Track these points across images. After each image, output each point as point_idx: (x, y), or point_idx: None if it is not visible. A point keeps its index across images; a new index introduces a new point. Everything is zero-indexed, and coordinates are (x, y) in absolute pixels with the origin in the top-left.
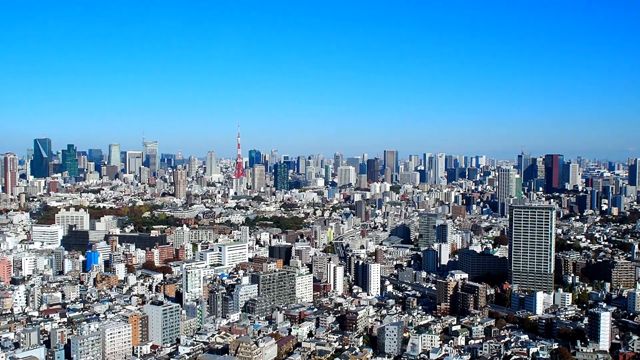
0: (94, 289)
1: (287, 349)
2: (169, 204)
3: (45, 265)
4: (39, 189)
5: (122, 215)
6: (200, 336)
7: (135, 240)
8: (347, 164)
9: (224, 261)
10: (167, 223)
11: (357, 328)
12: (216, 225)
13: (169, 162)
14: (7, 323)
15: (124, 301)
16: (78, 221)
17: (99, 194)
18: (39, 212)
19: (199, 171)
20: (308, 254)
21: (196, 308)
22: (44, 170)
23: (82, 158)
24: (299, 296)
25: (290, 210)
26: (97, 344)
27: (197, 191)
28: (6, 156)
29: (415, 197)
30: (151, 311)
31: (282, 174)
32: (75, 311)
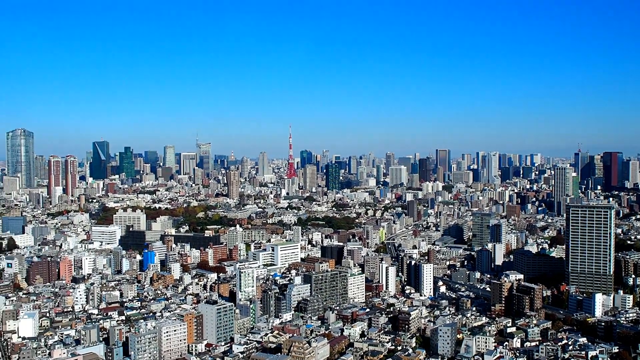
0: (151, 288)
1: (340, 349)
2: (223, 204)
3: (104, 265)
4: (97, 191)
5: (177, 216)
6: (253, 335)
7: (190, 240)
8: (399, 163)
9: (276, 261)
10: (221, 223)
11: (410, 329)
12: (269, 226)
13: (222, 163)
14: (69, 320)
15: (179, 300)
16: (135, 221)
17: (155, 195)
18: (98, 212)
19: (251, 172)
20: (360, 254)
21: (249, 307)
22: (103, 172)
23: (138, 160)
24: (351, 296)
25: (342, 210)
26: (154, 342)
27: (249, 192)
28: (67, 159)
29: (468, 196)
30: (206, 310)
31: (333, 174)
32: (133, 309)
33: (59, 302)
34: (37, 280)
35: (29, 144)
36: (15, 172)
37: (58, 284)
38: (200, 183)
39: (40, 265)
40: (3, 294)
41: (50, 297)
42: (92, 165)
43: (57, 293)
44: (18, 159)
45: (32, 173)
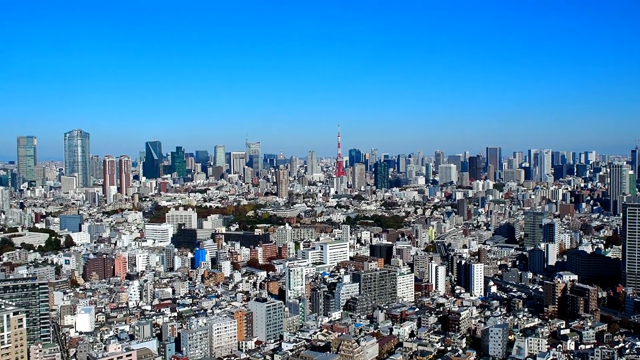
0: (202, 285)
1: (389, 349)
2: (272, 203)
3: (157, 262)
4: (150, 190)
5: (228, 214)
6: (302, 333)
7: (240, 239)
8: (449, 161)
9: (325, 259)
10: (270, 222)
11: (460, 329)
12: (317, 224)
13: (271, 162)
14: (123, 316)
15: (229, 297)
16: (186, 220)
17: (206, 194)
18: (151, 211)
19: (300, 171)
20: (409, 253)
21: (299, 305)
22: (155, 171)
23: (189, 159)
24: (400, 295)
25: (391, 208)
26: (205, 338)
27: (298, 190)
28: (121, 159)
29: (520, 195)
30: (256, 308)
31: (382, 172)
32: (185, 306)
33: (114, 298)
34: (93, 277)
35: (85, 145)
36: (72, 171)
37: (113, 281)
38: (250, 182)
39: (96, 262)
40: (61, 289)
41: (106, 293)
42: (145, 165)
43: (112, 289)
44: (75, 159)
45: (88, 173)
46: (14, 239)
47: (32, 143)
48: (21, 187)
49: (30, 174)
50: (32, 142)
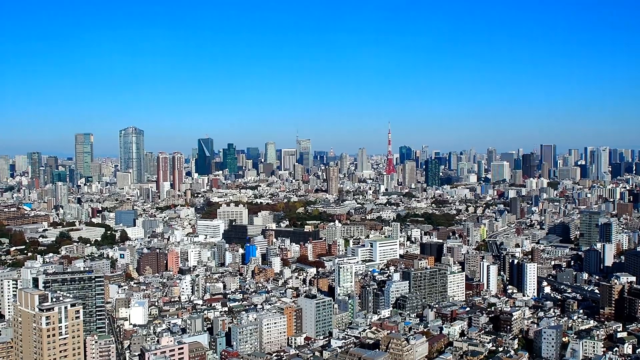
0: (252, 281)
1: (438, 348)
2: (322, 200)
3: (208, 257)
4: (202, 186)
5: (278, 211)
6: (351, 330)
7: (290, 235)
8: (501, 159)
9: (375, 257)
10: (320, 219)
11: (512, 330)
12: (367, 221)
13: (321, 159)
14: (175, 310)
15: (279, 293)
16: (237, 216)
17: (257, 190)
18: (203, 207)
19: (350, 168)
20: (460, 251)
21: (348, 303)
22: (207, 168)
23: (241, 156)
24: (450, 294)
25: (442, 206)
26: (255, 333)
27: (348, 187)
28: (174, 155)
29: (576, 193)
30: (305, 304)
31: (433, 169)
32: (235, 301)
33: (167, 292)
34: (147, 271)
35: (140, 142)
36: (127, 168)
37: (166, 275)
38: (300, 179)
39: (149, 257)
40: (116, 282)
41: (159, 287)
42: (198, 161)
43: (165, 283)
44: (130, 156)
45: (142, 169)
46: (72, 233)
47: (89, 140)
48: (79, 183)
49: (87, 170)
50: (89, 139)
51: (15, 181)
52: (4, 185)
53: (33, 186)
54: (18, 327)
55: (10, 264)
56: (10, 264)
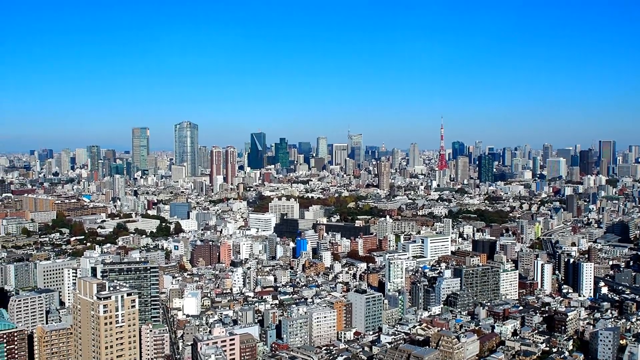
0: (303, 275)
1: (490, 347)
2: (373, 195)
3: (259, 250)
4: (254, 180)
5: (329, 205)
6: (401, 326)
7: (341, 230)
8: (557, 155)
9: (426, 253)
10: (371, 214)
11: (567, 330)
12: (419, 217)
13: (373, 154)
14: (227, 301)
15: (329, 287)
16: (289, 210)
17: (308, 185)
18: (255, 201)
19: (402, 163)
20: (513, 249)
21: (398, 298)
22: (259, 162)
23: (292, 151)
24: (503, 293)
25: (495, 203)
26: (305, 327)
27: (400, 183)
28: (227, 149)
29: (636, 191)
30: (355, 299)
31: (486, 165)
32: (286, 294)
33: (219, 284)
34: (200, 263)
35: (194, 136)
36: (182, 161)
37: (218, 267)
38: (351, 174)
39: (202, 249)
40: (170, 273)
41: (211, 278)
42: (250, 156)
43: (217, 275)
44: (184, 150)
45: (196, 162)
46: (129, 225)
47: (146, 134)
48: (135, 176)
49: (143, 163)
50: (145, 133)
51: (75, 173)
52: (65, 177)
53: (92, 178)
54: (77, 314)
55: (70, 254)
56: (70, 254)
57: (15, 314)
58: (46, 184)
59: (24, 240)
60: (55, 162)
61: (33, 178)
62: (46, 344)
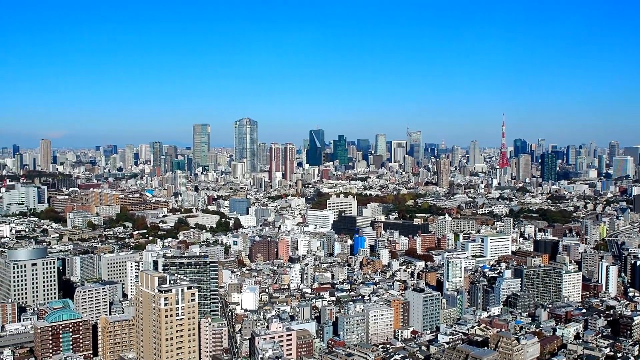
0: (360, 272)
1: (551, 350)
2: (432, 192)
3: (317, 247)
4: (313, 176)
5: (387, 203)
6: (459, 326)
7: (399, 228)
8: (625, 153)
9: (485, 252)
10: (430, 212)
11: (632, 335)
12: (478, 216)
13: (432, 151)
14: (285, 297)
15: (387, 285)
16: (347, 207)
17: (366, 182)
18: (313, 197)
19: (462, 160)
20: (577, 250)
21: (456, 298)
22: (318, 158)
23: (351, 147)
24: (565, 295)
25: (558, 202)
26: (362, 324)
27: (459, 181)
28: (286, 146)
29: None
30: (412, 297)
31: (549, 164)
32: (343, 291)
33: (277, 280)
34: (258, 258)
35: (254, 132)
36: (242, 158)
37: (276, 263)
38: (410, 171)
39: (261, 245)
40: (229, 268)
41: (269, 274)
42: (309, 152)
43: (275, 271)
44: (244, 146)
45: (255, 159)
46: (189, 219)
47: (206, 130)
48: (196, 172)
49: (204, 159)
50: (206, 129)
51: (138, 169)
52: (128, 172)
53: (154, 174)
54: (139, 306)
55: (133, 247)
56: (133, 247)
57: (80, 304)
58: (111, 179)
59: (90, 234)
60: (119, 158)
61: (98, 173)
62: (109, 334)
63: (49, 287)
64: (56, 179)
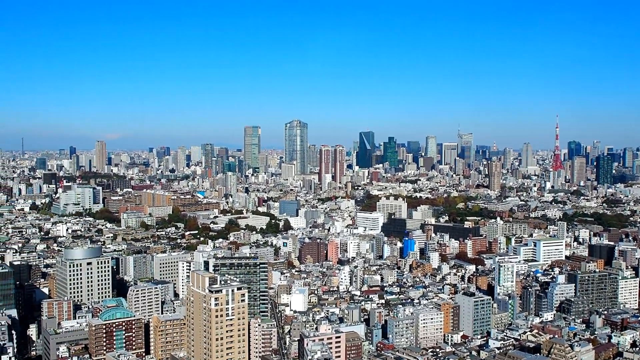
0: (409, 275)
1: (606, 357)
2: (483, 195)
3: (366, 249)
4: (362, 178)
5: (437, 206)
6: (511, 332)
7: (449, 231)
8: None
9: (538, 257)
10: (481, 215)
11: None
12: (531, 220)
13: (483, 153)
14: (334, 299)
15: (436, 289)
16: (396, 209)
17: (416, 184)
18: (363, 199)
19: (514, 163)
20: (634, 255)
21: (508, 303)
22: (367, 161)
23: (401, 150)
24: (621, 301)
25: (614, 206)
26: (411, 328)
27: (511, 183)
28: (336, 148)
29: None
30: (463, 301)
31: (605, 166)
32: (392, 294)
33: (326, 282)
34: (308, 260)
35: (304, 134)
36: (292, 159)
37: (325, 265)
38: (460, 173)
39: (310, 246)
40: (278, 269)
41: (319, 276)
42: (359, 154)
43: (324, 273)
44: (294, 148)
45: (305, 161)
46: (240, 221)
47: (257, 132)
48: (246, 173)
49: (254, 161)
50: (257, 131)
51: (190, 170)
52: (180, 174)
53: (206, 175)
54: (190, 306)
55: (184, 247)
56: (184, 247)
57: (133, 303)
58: (163, 180)
59: (143, 234)
60: (172, 159)
61: (151, 174)
62: (161, 333)
63: (104, 285)
64: (111, 180)
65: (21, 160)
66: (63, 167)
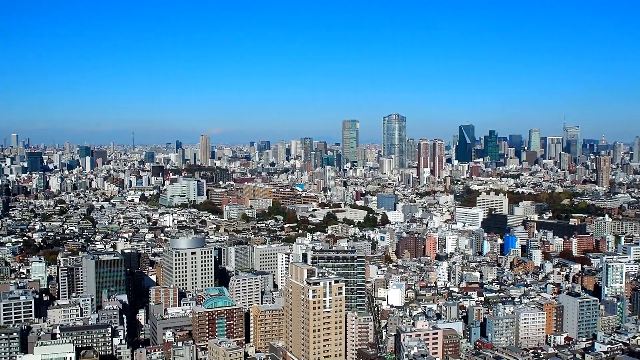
0: (510, 273)
1: None
2: (590, 191)
3: (465, 245)
4: (462, 173)
5: (540, 201)
6: (619, 335)
7: (553, 228)
8: None
9: None
10: (587, 212)
11: None
12: None
13: (591, 147)
14: (431, 295)
15: (539, 288)
16: (497, 205)
17: (518, 179)
18: (462, 194)
19: (624, 158)
20: None
21: (616, 305)
22: (467, 155)
23: (502, 143)
24: None
25: None
26: (512, 327)
27: (621, 179)
28: (435, 142)
29: None
30: (567, 302)
31: None
32: (492, 292)
33: (424, 277)
34: (405, 255)
35: (402, 128)
36: (390, 153)
37: (423, 260)
38: (566, 168)
39: (408, 241)
40: (376, 264)
41: (416, 271)
42: (458, 148)
43: (422, 268)
44: (392, 142)
45: (404, 155)
46: (338, 214)
47: (355, 126)
48: (345, 167)
49: (352, 155)
50: (355, 125)
51: (290, 164)
52: (280, 167)
53: (305, 169)
54: (288, 297)
55: (283, 239)
56: (283, 239)
57: (234, 292)
58: (264, 174)
59: (244, 225)
60: (272, 153)
61: (252, 167)
62: (260, 322)
63: (207, 274)
64: (214, 173)
65: (132, 154)
66: (170, 160)
